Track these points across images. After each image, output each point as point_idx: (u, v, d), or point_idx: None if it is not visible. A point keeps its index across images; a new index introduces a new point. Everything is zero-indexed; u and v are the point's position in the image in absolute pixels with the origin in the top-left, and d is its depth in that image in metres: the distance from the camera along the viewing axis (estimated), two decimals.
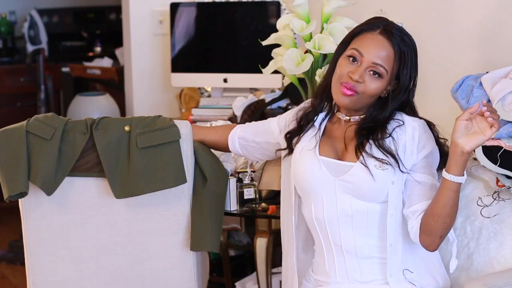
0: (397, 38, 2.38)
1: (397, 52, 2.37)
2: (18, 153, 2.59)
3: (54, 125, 2.62)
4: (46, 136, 2.61)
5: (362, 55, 2.38)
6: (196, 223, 2.66)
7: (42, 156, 2.60)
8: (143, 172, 2.60)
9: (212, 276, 3.81)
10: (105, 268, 2.73)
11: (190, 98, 4.17)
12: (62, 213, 2.70)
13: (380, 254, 2.41)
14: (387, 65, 2.37)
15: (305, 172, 2.43)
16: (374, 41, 2.39)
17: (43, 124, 2.63)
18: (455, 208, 2.31)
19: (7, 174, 2.60)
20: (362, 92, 2.37)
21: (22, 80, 5.72)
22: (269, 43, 3.05)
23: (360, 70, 2.37)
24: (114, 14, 6.36)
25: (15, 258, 4.71)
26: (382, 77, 2.37)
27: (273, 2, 3.97)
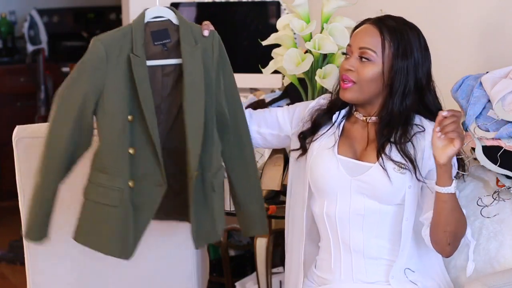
0: (386, 24, 2.40)
1: (386, 34, 2.37)
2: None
3: (119, 187, 2.37)
4: (113, 203, 2.38)
5: (351, 46, 2.42)
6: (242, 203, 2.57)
7: (111, 224, 2.38)
8: (219, 215, 2.50)
9: (212, 276, 3.81)
10: (105, 268, 2.73)
11: None
12: (62, 212, 2.70)
13: (388, 256, 2.40)
14: (373, 47, 2.37)
15: (322, 170, 2.43)
16: (360, 30, 2.43)
17: (104, 189, 2.39)
18: (451, 218, 2.28)
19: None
20: (358, 80, 2.38)
21: (22, 80, 5.72)
22: (269, 43, 3.05)
23: (351, 60, 2.40)
24: (114, 14, 6.36)
25: (15, 258, 4.72)
26: (372, 60, 2.37)
27: (273, 2, 3.97)
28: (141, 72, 2.34)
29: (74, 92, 2.37)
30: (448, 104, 2.53)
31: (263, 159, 3.05)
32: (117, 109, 2.34)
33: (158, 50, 2.41)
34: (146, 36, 2.40)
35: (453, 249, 2.34)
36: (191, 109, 2.35)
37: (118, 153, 2.36)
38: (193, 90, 2.36)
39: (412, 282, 2.40)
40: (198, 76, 2.38)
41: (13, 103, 5.74)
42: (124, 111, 2.34)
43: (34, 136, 2.66)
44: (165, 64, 2.41)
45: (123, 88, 2.35)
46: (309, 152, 2.48)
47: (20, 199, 2.71)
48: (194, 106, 2.35)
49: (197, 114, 2.35)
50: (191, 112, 2.35)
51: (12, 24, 6.18)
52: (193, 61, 2.38)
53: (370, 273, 2.41)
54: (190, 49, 2.39)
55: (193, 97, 2.36)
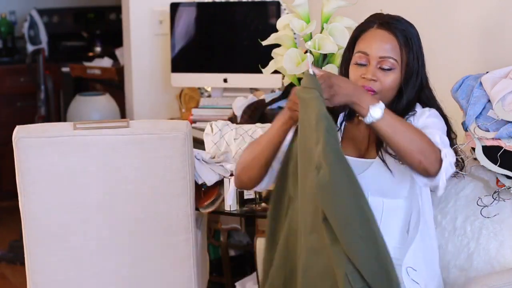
0: (397, 27, 2.40)
1: (400, 39, 2.38)
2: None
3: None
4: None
5: (368, 54, 2.39)
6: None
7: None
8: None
9: (212, 276, 3.81)
10: (105, 268, 2.73)
11: (190, 98, 4.17)
12: (62, 213, 2.70)
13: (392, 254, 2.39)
14: (395, 55, 2.37)
15: None
16: (375, 36, 2.40)
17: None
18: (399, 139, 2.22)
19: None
20: (380, 89, 2.37)
21: (22, 80, 5.72)
22: (269, 43, 3.06)
23: (371, 69, 2.37)
24: (114, 14, 6.36)
25: (15, 258, 4.71)
26: (394, 69, 2.38)
27: (273, 2, 3.97)
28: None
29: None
30: (448, 104, 2.53)
31: None
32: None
33: None
34: None
35: (430, 163, 2.23)
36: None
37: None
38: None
39: (414, 281, 2.39)
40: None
41: (13, 103, 5.73)
42: None
43: (34, 136, 2.66)
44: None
45: None
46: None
47: (20, 199, 2.71)
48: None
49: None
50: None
51: (12, 24, 6.18)
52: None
53: None
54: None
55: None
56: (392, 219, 2.39)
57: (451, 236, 2.51)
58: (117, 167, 2.68)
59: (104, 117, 4.63)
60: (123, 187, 2.70)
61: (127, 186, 2.69)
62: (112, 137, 2.68)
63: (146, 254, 2.73)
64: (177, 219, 2.72)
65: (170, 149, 2.68)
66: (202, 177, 2.84)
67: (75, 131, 2.67)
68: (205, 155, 2.88)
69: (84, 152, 2.67)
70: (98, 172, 2.68)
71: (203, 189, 2.89)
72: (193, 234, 2.74)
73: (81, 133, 2.67)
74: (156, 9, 4.33)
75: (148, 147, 2.68)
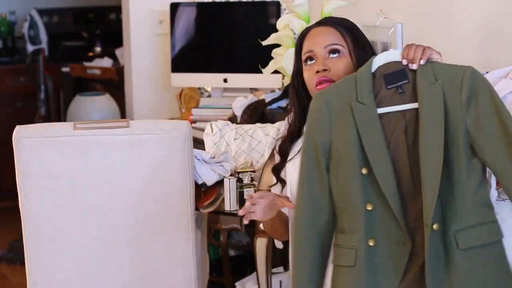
0: (333, 21, 2.44)
1: (339, 28, 2.41)
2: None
3: (353, 245, 2.14)
4: (347, 263, 2.17)
5: (313, 50, 2.40)
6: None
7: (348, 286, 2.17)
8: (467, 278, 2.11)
9: (212, 276, 3.81)
10: (105, 268, 2.73)
11: (190, 98, 4.17)
12: (62, 213, 2.70)
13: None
14: (339, 41, 2.39)
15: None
16: (315, 34, 2.43)
17: (341, 249, 2.18)
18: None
19: None
20: (336, 76, 2.36)
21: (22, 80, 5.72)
22: (269, 43, 3.05)
23: (320, 61, 2.39)
24: (114, 14, 6.36)
25: (15, 258, 4.71)
26: (342, 53, 2.38)
27: (273, 2, 3.97)
28: (367, 121, 2.15)
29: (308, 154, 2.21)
30: None
31: (263, 159, 3.04)
32: (348, 162, 2.15)
33: (392, 95, 2.17)
34: (376, 82, 2.18)
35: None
36: (426, 157, 2.10)
37: (353, 210, 2.15)
38: (428, 133, 2.11)
39: None
40: (435, 117, 2.11)
41: (13, 103, 5.74)
42: (357, 165, 2.14)
43: (34, 136, 2.66)
44: (401, 109, 2.16)
45: (353, 140, 2.15)
46: (287, 172, 2.46)
47: (20, 199, 2.71)
48: (430, 153, 2.09)
49: (433, 161, 2.09)
50: (427, 160, 2.09)
51: (12, 24, 6.18)
52: (430, 99, 2.13)
53: None
54: (428, 87, 2.14)
55: (428, 141, 2.10)
56: None
57: None
58: (117, 167, 2.68)
59: (104, 117, 4.63)
60: (123, 187, 2.70)
61: (127, 186, 2.69)
62: (112, 137, 2.68)
63: (146, 254, 2.73)
64: (177, 219, 2.72)
65: (170, 149, 2.68)
66: (202, 177, 2.84)
67: (75, 131, 2.67)
68: (205, 155, 2.88)
69: (84, 152, 2.67)
70: (98, 172, 2.68)
71: (203, 189, 2.88)
72: (193, 234, 2.74)
73: (81, 133, 2.67)
74: (156, 9, 4.33)
75: (148, 147, 2.68)
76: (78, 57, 5.78)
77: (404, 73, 2.16)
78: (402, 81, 2.16)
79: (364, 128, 2.14)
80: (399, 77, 2.16)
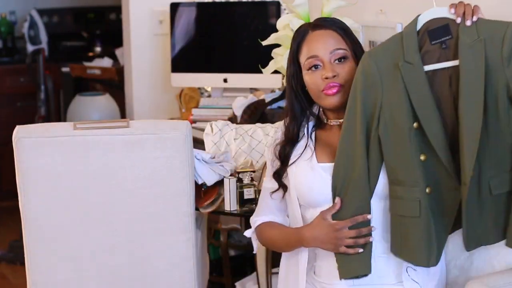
0: (330, 23, 2.43)
1: (339, 31, 2.42)
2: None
3: (417, 197, 2.28)
4: (414, 213, 2.29)
5: (318, 55, 2.39)
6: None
7: (415, 235, 2.30)
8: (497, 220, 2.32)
9: (212, 276, 3.81)
10: (105, 268, 2.73)
11: (190, 98, 4.17)
12: (62, 213, 2.70)
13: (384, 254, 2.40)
14: (342, 45, 2.40)
15: (308, 184, 2.41)
16: (316, 38, 2.42)
17: (403, 201, 2.30)
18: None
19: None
20: (344, 82, 2.38)
21: (22, 80, 5.72)
22: (269, 43, 3.06)
23: (328, 67, 2.38)
24: (114, 14, 6.36)
25: (15, 258, 4.72)
26: (347, 57, 2.40)
27: (273, 2, 3.97)
28: (415, 79, 2.24)
29: (355, 115, 2.31)
30: None
31: (263, 159, 3.05)
32: (400, 119, 2.27)
33: (438, 51, 2.26)
34: (420, 38, 2.27)
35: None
36: (465, 112, 2.21)
37: (409, 163, 2.28)
38: (468, 90, 2.20)
39: (414, 281, 2.39)
40: (475, 74, 2.20)
41: (13, 103, 5.74)
42: (408, 120, 2.26)
43: (34, 136, 2.66)
44: (444, 66, 2.25)
45: (402, 97, 2.26)
46: (290, 174, 2.45)
47: (20, 199, 2.71)
48: (469, 108, 2.20)
49: (472, 118, 2.20)
50: (466, 116, 2.21)
51: (12, 24, 6.18)
52: (471, 56, 2.21)
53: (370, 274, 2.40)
54: (470, 43, 2.21)
55: (469, 98, 2.21)
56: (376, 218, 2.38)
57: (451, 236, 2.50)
58: (117, 167, 2.68)
59: (104, 117, 4.63)
60: (123, 187, 2.70)
61: (127, 186, 2.70)
62: (112, 137, 2.68)
63: (146, 254, 2.73)
64: (177, 219, 2.72)
65: (170, 149, 2.68)
66: (202, 177, 2.84)
67: (75, 131, 2.67)
68: (205, 155, 2.88)
69: (84, 152, 2.67)
70: (98, 172, 2.68)
71: (203, 189, 2.88)
72: (193, 234, 2.74)
73: (81, 133, 2.67)
74: (156, 9, 4.33)
75: (148, 147, 2.68)
76: (78, 57, 5.78)
77: (448, 29, 2.23)
78: (446, 37, 2.23)
79: (412, 87, 2.24)
80: (443, 33, 2.23)
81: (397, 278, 2.39)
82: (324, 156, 2.43)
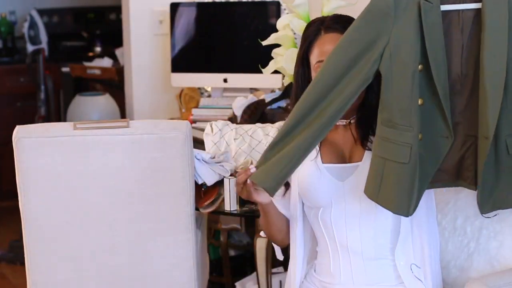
0: (342, 25, 2.42)
1: None
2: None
3: (409, 142, 2.21)
4: (403, 159, 2.21)
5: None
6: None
7: (400, 181, 2.22)
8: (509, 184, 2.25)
9: (212, 276, 3.81)
10: (105, 268, 2.73)
11: (190, 98, 4.17)
12: (62, 213, 2.70)
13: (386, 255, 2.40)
14: None
15: (312, 185, 2.41)
16: (329, 42, 2.40)
17: (393, 144, 2.22)
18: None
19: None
20: None
21: (22, 80, 5.72)
22: (269, 43, 3.05)
23: None
24: (114, 14, 6.36)
25: (15, 258, 4.72)
26: None
27: (273, 2, 3.97)
28: (432, 19, 2.15)
29: (356, 41, 2.22)
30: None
31: None
32: (407, 59, 2.17)
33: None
34: None
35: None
36: (490, 62, 2.14)
37: (407, 105, 2.19)
38: (493, 40, 2.14)
39: (417, 278, 2.39)
40: (500, 24, 2.13)
41: (13, 103, 5.74)
42: (415, 61, 2.16)
43: (34, 136, 2.66)
44: (463, 8, 2.17)
45: (414, 36, 2.16)
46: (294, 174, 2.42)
47: (20, 199, 2.71)
48: (495, 58, 2.14)
49: (498, 68, 2.14)
50: (491, 66, 2.14)
51: (12, 24, 6.18)
52: (495, 5, 2.14)
53: (370, 275, 2.40)
54: None
55: (493, 49, 2.14)
56: (385, 219, 2.39)
57: (451, 236, 2.51)
58: (117, 167, 2.69)
59: (104, 117, 4.63)
60: (123, 187, 2.70)
61: (127, 186, 2.70)
62: (112, 137, 2.68)
63: (146, 254, 2.73)
64: (177, 219, 2.72)
65: (170, 149, 2.68)
66: (202, 177, 2.84)
67: (75, 131, 2.67)
68: (205, 155, 2.88)
69: (84, 152, 2.67)
70: (98, 172, 2.68)
71: (203, 189, 2.89)
72: (193, 234, 2.75)
73: (81, 133, 2.67)
74: (156, 9, 4.33)
75: (148, 147, 2.68)
76: (78, 57, 5.78)
77: None
78: None
79: (428, 27, 2.16)
80: None
81: (398, 280, 2.40)
82: (329, 157, 2.43)
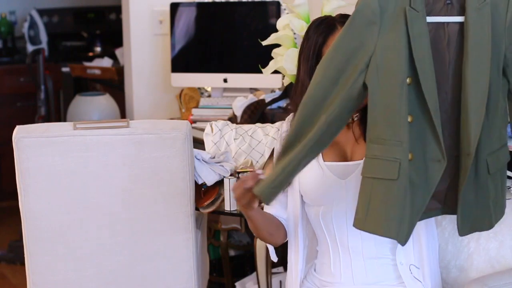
0: None
1: None
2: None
3: (396, 157, 2.08)
4: (390, 176, 2.09)
5: None
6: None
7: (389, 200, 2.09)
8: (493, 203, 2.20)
9: (212, 276, 3.81)
10: (105, 268, 2.73)
11: (190, 98, 4.17)
12: (62, 213, 2.70)
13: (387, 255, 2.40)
14: None
15: (312, 183, 2.41)
16: None
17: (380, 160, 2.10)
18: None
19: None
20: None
21: (22, 80, 5.72)
22: (269, 43, 3.05)
23: None
24: (114, 14, 6.36)
25: (15, 258, 4.72)
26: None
27: (273, 2, 3.97)
28: (418, 29, 2.07)
29: (342, 48, 2.11)
30: None
31: (263, 159, 3.05)
32: (394, 68, 2.07)
33: (441, 5, 2.11)
34: None
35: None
36: (473, 78, 2.07)
37: (395, 120, 2.07)
38: (476, 55, 2.07)
39: (416, 279, 2.39)
40: (483, 38, 2.08)
41: (13, 103, 5.74)
42: (402, 71, 2.06)
43: (34, 136, 2.66)
44: (447, 21, 2.11)
45: (402, 46, 2.06)
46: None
47: (20, 199, 2.71)
48: (477, 73, 2.07)
49: (480, 84, 2.07)
50: (474, 81, 2.07)
51: (12, 24, 6.18)
52: (478, 19, 2.08)
53: (370, 274, 2.40)
54: (477, 5, 2.08)
55: (476, 63, 2.07)
56: None
57: (451, 236, 2.51)
58: (117, 167, 2.69)
59: (104, 117, 4.63)
60: (123, 187, 2.70)
61: (127, 186, 2.70)
62: (112, 137, 2.68)
63: (146, 254, 2.73)
64: (177, 219, 2.72)
65: (170, 149, 2.68)
66: (202, 177, 2.84)
67: (75, 131, 2.67)
68: (205, 155, 2.88)
69: (84, 152, 2.67)
70: (98, 172, 2.68)
71: (203, 189, 2.89)
72: (193, 234, 2.75)
73: (81, 133, 2.67)
74: (156, 9, 4.33)
75: (148, 147, 2.68)
76: (78, 57, 5.78)
77: None
78: None
79: (415, 35, 2.07)
80: None
81: (398, 279, 2.40)
82: (330, 155, 2.43)
